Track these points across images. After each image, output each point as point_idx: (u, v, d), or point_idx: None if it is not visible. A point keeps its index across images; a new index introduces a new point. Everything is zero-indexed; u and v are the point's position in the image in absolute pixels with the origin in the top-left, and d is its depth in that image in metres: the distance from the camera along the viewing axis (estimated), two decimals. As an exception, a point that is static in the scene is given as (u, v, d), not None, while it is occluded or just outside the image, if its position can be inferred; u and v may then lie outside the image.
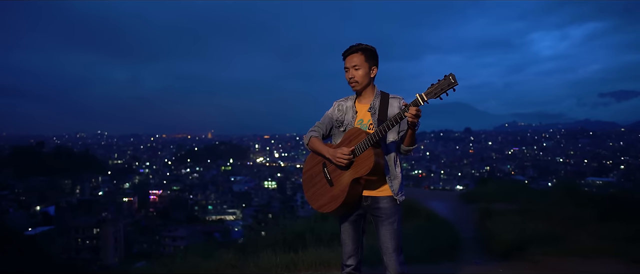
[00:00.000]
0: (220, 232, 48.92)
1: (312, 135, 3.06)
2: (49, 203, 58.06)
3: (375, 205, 2.91)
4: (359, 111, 3.02)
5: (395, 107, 2.94)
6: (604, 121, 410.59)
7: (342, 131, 3.04)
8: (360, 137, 2.82)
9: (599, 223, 5.82)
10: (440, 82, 2.58)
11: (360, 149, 2.79)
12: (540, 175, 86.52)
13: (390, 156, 2.95)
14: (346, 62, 2.97)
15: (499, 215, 6.68)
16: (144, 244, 51.70)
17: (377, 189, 2.92)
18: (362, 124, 2.99)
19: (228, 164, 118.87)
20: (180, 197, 76.43)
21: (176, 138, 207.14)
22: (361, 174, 2.77)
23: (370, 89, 3.02)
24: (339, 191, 2.86)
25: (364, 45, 2.95)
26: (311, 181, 3.07)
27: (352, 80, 2.95)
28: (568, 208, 6.61)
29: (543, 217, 6.23)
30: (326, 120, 3.11)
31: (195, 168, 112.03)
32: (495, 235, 5.63)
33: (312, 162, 3.11)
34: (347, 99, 3.11)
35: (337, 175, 2.89)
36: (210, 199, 78.85)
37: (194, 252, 9.14)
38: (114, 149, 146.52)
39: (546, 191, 11.09)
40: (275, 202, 69.75)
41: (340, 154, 2.79)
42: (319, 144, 2.99)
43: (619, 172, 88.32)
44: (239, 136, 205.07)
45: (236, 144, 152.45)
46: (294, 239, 6.23)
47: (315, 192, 3.02)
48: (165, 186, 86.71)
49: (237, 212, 72.37)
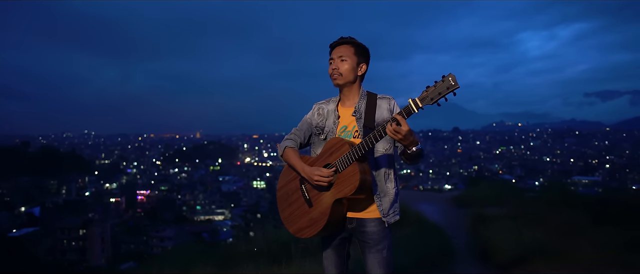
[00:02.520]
0: (209, 232, 48.75)
1: (286, 145, 2.62)
2: (34, 204, 57.27)
3: (361, 228, 2.49)
4: (342, 115, 2.58)
5: (384, 110, 2.52)
6: (590, 121, 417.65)
7: (322, 139, 2.61)
8: (343, 149, 2.39)
9: (594, 228, 5.70)
10: (437, 85, 2.15)
11: (343, 164, 2.36)
12: (527, 174, 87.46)
13: (380, 171, 2.51)
14: (332, 52, 2.56)
15: (492, 220, 6.50)
16: (132, 245, 51.32)
17: (363, 209, 2.49)
18: (345, 131, 2.56)
19: (216, 164, 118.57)
20: (168, 197, 75.95)
21: (164, 138, 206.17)
22: (344, 194, 2.34)
23: (355, 89, 2.57)
24: (319, 214, 2.44)
25: (356, 40, 2.55)
26: (287, 199, 2.63)
27: (335, 71, 2.51)
28: (562, 213, 6.50)
29: (538, 223, 6.10)
30: (304, 126, 2.69)
31: (184, 168, 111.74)
32: (491, 243, 5.44)
33: (288, 177, 2.66)
34: (329, 102, 2.68)
35: (317, 194, 2.47)
36: (199, 199, 78.47)
37: (182, 253, 8.97)
38: (101, 148, 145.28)
39: (536, 192, 11.02)
40: (264, 202, 69.51)
41: (319, 176, 2.36)
42: (294, 158, 2.54)
43: (604, 171, 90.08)
44: (228, 136, 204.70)
45: (225, 143, 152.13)
46: (278, 250, 5.96)
47: (292, 214, 2.58)
48: (153, 186, 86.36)
49: (226, 212, 72.24)
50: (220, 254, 7.52)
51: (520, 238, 5.28)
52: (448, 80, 2.13)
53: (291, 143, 2.63)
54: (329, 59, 2.58)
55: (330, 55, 2.57)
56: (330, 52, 2.58)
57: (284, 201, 2.65)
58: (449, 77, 2.13)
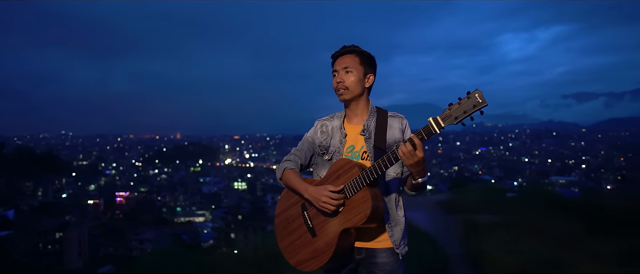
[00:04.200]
0: (189, 234, 48.40)
1: (286, 166, 2.34)
2: (8, 207, 55.85)
3: (371, 260, 2.24)
4: (349, 133, 2.33)
5: (396, 130, 2.28)
6: (566, 122, 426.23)
7: (327, 159, 2.34)
8: (352, 172, 2.12)
9: (590, 238, 5.61)
10: (462, 102, 1.90)
11: (353, 190, 2.10)
12: (506, 175, 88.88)
13: (391, 197, 2.27)
14: (335, 64, 2.31)
15: (485, 229, 6.40)
16: (110, 248, 50.76)
17: (373, 239, 2.24)
18: (353, 151, 2.31)
19: (197, 165, 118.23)
20: (148, 198, 75.34)
21: (144, 138, 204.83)
22: (355, 223, 2.08)
23: (363, 104, 2.32)
24: (324, 244, 2.17)
25: (361, 48, 2.31)
26: (286, 227, 2.35)
27: (341, 85, 2.26)
28: (556, 221, 6.41)
29: (532, 232, 6.00)
30: (305, 145, 2.42)
31: (164, 169, 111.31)
32: (488, 255, 5.29)
33: (288, 202, 2.37)
34: (333, 118, 2.41)
35: (322, 222, 2.20)
36: (179, 200, 77.98)
37: (162, 255, 8.72)
38: (79, 149, 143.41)
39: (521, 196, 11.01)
40: (245, 204, 69.26)
41: (327, 198, 2.10)
42: (296, 180, 2.27)
43: (581, 171, 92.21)
44: (208, 137, 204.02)
45: (205, 144, 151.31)
46: (266, 260, 5.70)
47: (293, 243, 2.30)
48: (132, 187, 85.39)
49: (207, 213, 72.10)
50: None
51: (518, 249, 5.13)
52: (474, 97, 1.88)
53: (291, 164, 2.36)
54: (332, 71, 2.32)
55: (333, 66, 2.32)
56: (333, 63, 2.33)
57: (283, 229, 2.37)
58: (475, 94, 1.88)
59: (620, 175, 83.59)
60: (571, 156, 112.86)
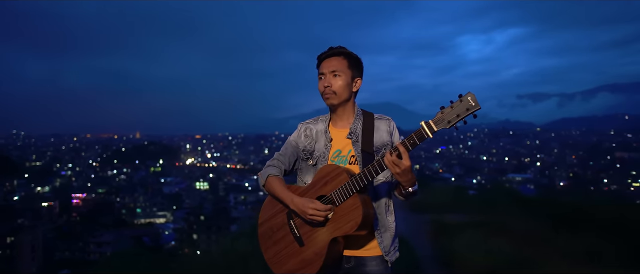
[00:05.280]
0: (150, 236, 47.53)
1: (269, 173, 2.24)
2: (-46, 211, 53.21)
3: (360, 268, 2.17)
4: (335, 137, 2.24)
5: (383, 132, 2.22)
6: (522, 121, 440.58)
7: (311, 165, 2.25)
8: (340, 178, 2.05)
9: (556, 236, 5.75)
10: (454, 106, 1.86)
11: (342, 197, 2.02)
12: (466, 173, 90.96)
13: (381, 202, 2.21)
14: (322, 66, 2.21)
15: (455, 229, 6.50)
16: (67, 252, 49.21)
17: (362, 247, 2.17)
18: (339, 156, 2.22)
19: (158, 165, 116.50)
20: (106, 200, 73.50)
21: (102, 138, 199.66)
22: (345, 232, 2.00)
23: (349, 108, 2.25)
24: (312, 254, 2.08)
25: (348, 50, 2.23)
26: (271, 236, 2.24)
27: (328, 89, 2.17)
28: (522, 220, 6.57)
29: (500, 231, 6.11)
30: (289, 150, 2.33)
31: (123, 169, 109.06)
32: (459, 255, 5.35)
33: (272, 210, 2.27)
34: (317, 121, 2.33)
35: (309, 231, 2.11)
36: (139, 201, 76.27)
37: (122, 258, 8.46)
38: (31, 150, 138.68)
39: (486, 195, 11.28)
40: (207, 204, 68.36)
41: (314, 210, 2.02)
42: (280, 188, 2.17)
43: (536, 169, 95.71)
44: (169, 136, 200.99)
45: (166, 144, 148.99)
46: (236, 261, 5.55)
47: (278, 254, 2.19)
48: (89, 188, 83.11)
49: (168, 214, 71.09)
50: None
51: (488, 249, 5.20)
52: (467, 100, 1.83)
53: (274, 171, 2.26)
54: (319, 74, 2.23)
55: (320, 69, 2.23)
56: (319, 65, 2.24)
57: (268, 238, 2.25)
58: (467, 97, 1.83)
59: (572, 172, 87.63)
60: (526, 154, 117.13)
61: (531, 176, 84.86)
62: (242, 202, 68.74)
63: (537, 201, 8.83)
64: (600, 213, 6.36)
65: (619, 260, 5.00)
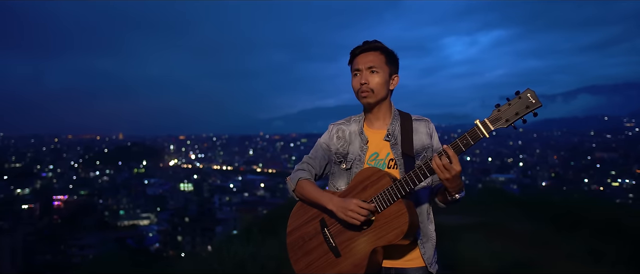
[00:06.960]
0: (134, 238, 47.16)
1: (300, 176, 2.07)
2: None
3: None
4: (371, 139, 2.06)
5: (423, 134, 2.05)
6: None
7: (345, 168, 2.06)
8: (381, 183, 1.87)
9: (556, 237, 5.74)
10: (512, 103, 1.70)
11: (384, 203, 1.85)
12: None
13: (422, 209, 2.03)
14: (357, 62, 2.03)
15: (454, 231, 6.44)
16: (48, 256, 48.20)
17: (402, 257, 1.98)
18: (377, 159, 2.04)
19: (141, 166, 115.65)
20: (88, 202, 72.35)
21: (83, 139, 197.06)
22: (389, 241, 1.81)
23: (386, 107, 2.07)
24: (351, 266, 1.88)
25: (385, 45, 2.05)
26: (302, 246, 2.05)
27: (365, 87, 1.99)
28: (518, 220, 6.55)
29: (501, 233, 6.05)
30: (319, 153, 2.14)
31: (105, 171, 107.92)
32: (461, 257, 5.25)
33: (303, 217, 2.09)
34: (349, 121, 2.14)
35: (346, 240, 1.92)
36: (122, 203, 75.28)
37: (105, 261, 8.27)
38: (11, 151, 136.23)
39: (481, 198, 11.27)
40: (192, 205, 67.73)
41: (356, 207, 1.83)
42: (315, 190, 1.99)
43: (518, 169, 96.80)
44: (153, 137, 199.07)
45: (149, 145, 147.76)
46: (231, 268, 5.36)
47: (311, 265, 1.99)
48: (71, 190, 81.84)
49: (152, 216, 70.47)
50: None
51: (492, 251, 5.10)
52: (526, 97, 1.68)
53: (305, 174, 2.09)
54: (353, 70, 2.05)
55: (354, 65, 2.05)
56: (352, 61, 2.07)
57: (299, 248, 2.06)
58: (527, 94, 1.68)
59: (554, 172, 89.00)
60: (510, 154, 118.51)
61: (514, 176, 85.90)
62: (227, 204, 68.50)
63: (529, 202, 8.84)
64: (593, 215, 6.38)
65: (619, 260, 5.00)
